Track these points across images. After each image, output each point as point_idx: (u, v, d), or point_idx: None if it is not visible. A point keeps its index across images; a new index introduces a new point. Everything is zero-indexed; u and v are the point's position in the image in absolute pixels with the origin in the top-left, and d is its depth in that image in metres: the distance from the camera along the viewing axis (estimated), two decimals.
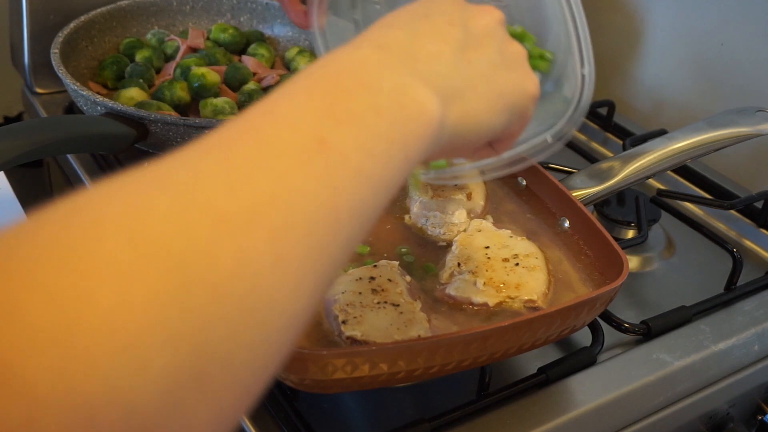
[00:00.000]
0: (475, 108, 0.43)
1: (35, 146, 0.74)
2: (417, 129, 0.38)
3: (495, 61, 0.45)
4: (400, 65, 0.39)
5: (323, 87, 0.36)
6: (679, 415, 0.73)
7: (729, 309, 0.79)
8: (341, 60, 0.39)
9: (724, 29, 1.03)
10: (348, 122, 0.34)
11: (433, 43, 0.42)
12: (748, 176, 1.02)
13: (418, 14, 0.44)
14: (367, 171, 0.34)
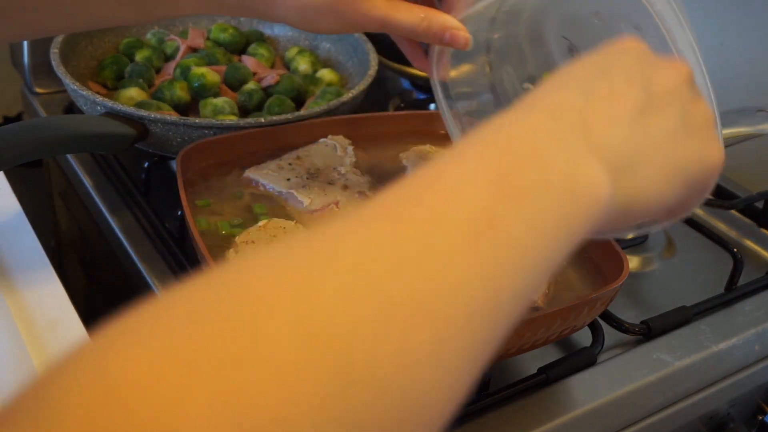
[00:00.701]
0: (647, 182, 0.40)
1: (35, 146, 0.74)
2: (584, 208, 0.36)
3: (675, 128, 0.41)
4: (572, 135, 0.37)
5: (494, 156, 0.35)
6: (679, 416, 0.73)
7: (729, 309, 0.79)
8: (513, 125, 0.37)
9: (724, 29, 1.03)
10: (518, 198, 0.33)
11: (608, 108, 0.39)
12: (748, 176, 1.02)
13: (595, 71, 0.41)
14: (532, 252, 0.33)
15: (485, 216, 0.32)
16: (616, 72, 0.41)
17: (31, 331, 0.66)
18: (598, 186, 0.37)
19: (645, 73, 0.42)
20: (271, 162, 0.78)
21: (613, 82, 0.41)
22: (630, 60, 0.42)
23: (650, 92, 0.41)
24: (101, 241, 0.88)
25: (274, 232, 0.68)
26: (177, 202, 0.70)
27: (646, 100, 0.41)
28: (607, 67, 0.41)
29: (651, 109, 0.41)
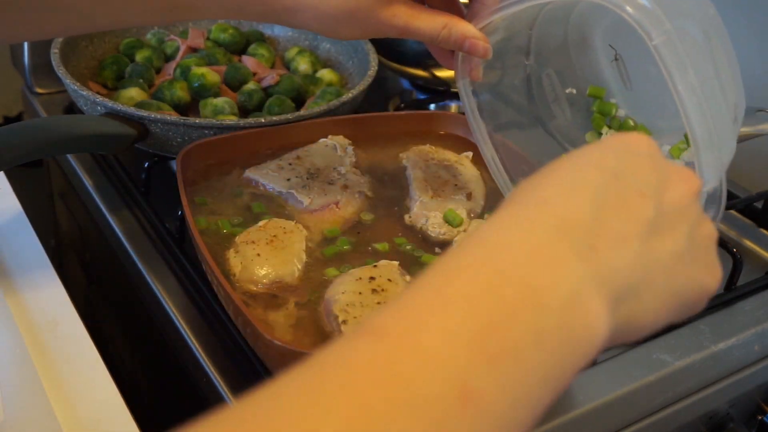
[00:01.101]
0: (645, 309, 0.38)
1: (35, 146, 0.74)
2: (579, 353, 0.33)
3: (681, 251, 0.39)
4: (577, 260, 0.34)
5: (484, 300, 0.31)
6: (679, 415, 0.73)
7: (729, 309, 0.79)
8: (514, 243, 0.34)
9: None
10: (501, 360, 0.30)
11: (619, 224, 0.37)
12: (748, 176, 1.02)
13: (609, 175, 0.38)
14: (512, 418, 0.30)
15: (460, 390, 0.28)
16: (631, 180, 0.39)
17: (31, 331, 0.66)
18: (598, 326, 0.34)
19: (658, 184, 0.40)
20: (271, 162, 0.78)
21: (626, 189, 0.38)
22: (644, 166, 0.40)
23: (661, 208, 0.39)
24: (101, 241, 0.88)
25: (274, 232, 0.68)
26: (177, 202, 0.70)
27: (657, 217, 0.38)
28: (621, 171, 0.39)
29: (660, 227, 0.39)
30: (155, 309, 0.75)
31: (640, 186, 0.39)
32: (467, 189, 0.76)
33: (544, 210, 0.36)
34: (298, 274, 0.66)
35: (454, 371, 0.29)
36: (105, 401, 0.61)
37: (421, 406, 0.28)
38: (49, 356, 0.64)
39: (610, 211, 0.37)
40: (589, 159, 0.39)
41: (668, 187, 0.40)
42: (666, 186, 0.40)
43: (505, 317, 0.31)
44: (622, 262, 0.36)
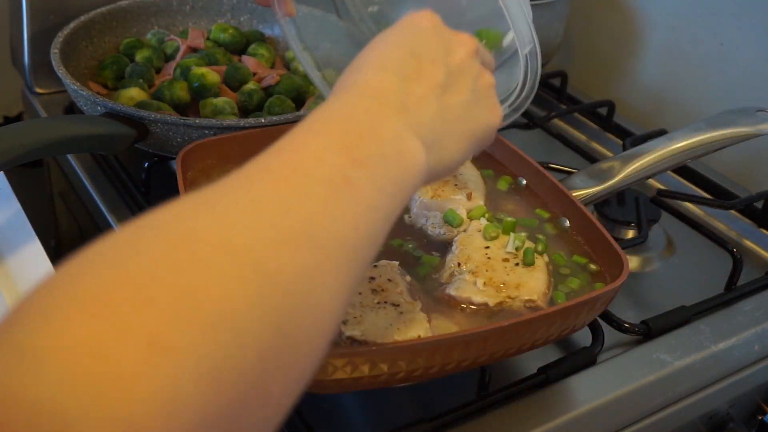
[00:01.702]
0: (450, 150, 0.50)
1: (35, 146, 0.74)
2: (411, 173, 0.45)
3: (468, 100, 0.52)
4: (394, 116, 0.46)
5: (340, 133, 0.43)
6: (679, 415, 0.73)
7: (729, 309, 0.79)
8: (348, 108, 0.45)
9: (724, 29, 1.03)
10: (364, 165, 0.41)
11: (419, 88, 0.48)
12: (748, 176, 1.02)
13: (406, 52, 0.49)
14: (378, 206, 0.42)
15: (342, 176, 0.40)
16: (423, 52, 0.50)
17: None
18: (418, 157, 0.46)
19: (444, 51, 0.51)
20: None
21: (421, 62, 0.49)
22: (431, 39, 0.51)
23: (449, 69, 0.50)
24: None
25: None
26: None
27: (447, 78, 0.50)
28: (415, 47, 0.50)
29: (450, 86, 0.50)
30: None
31: (431, 55, 0.50)
32: (467, 189, 0.76)
33: (364, 87, 0.47)
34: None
35: (335, 165, 0.40)
36: None
37: (322, 182, 0.39)
38: None
39: (411, 80, 0.48)
40: (389, 42, 0.50)
41: (451, 51, 0.51)
42: (449, 51, 0.51)
43: (358, 143, 0.42)
44: (427, 116, 0.48)
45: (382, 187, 0.42)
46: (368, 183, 0.41)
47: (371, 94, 0.47)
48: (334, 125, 0.43)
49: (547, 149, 1.05)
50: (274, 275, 0.34)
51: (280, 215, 0.36)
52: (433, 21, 0.52)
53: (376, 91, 0.47)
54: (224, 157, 0.78)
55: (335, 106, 0.46)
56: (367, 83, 0.47)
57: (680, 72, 1.10)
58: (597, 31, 1.21)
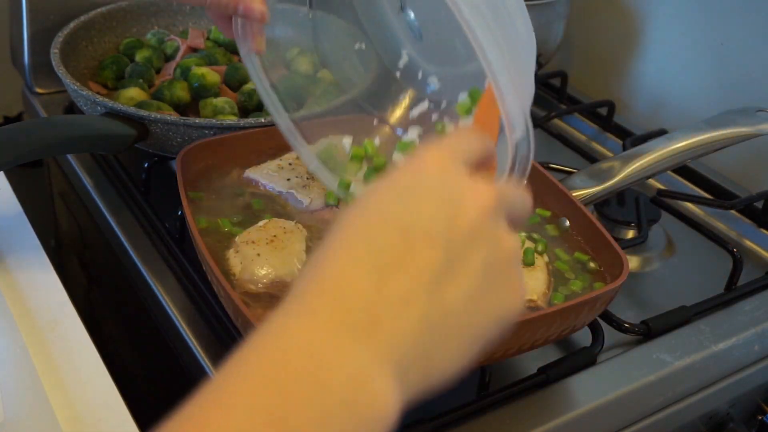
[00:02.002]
0: (442, 364, 0.38)
1: (35, 146, 0.74)
2: (372, 425, 0.34)
3: (476, 288, 0.38)
4: (357, 345, 0.34)
5: (272, 387, 0.32)
6: (679, 415, 0.73)
7: (729, 309, 0.79)
8: (293, 337, 0.35)
9: (724, 29, 1.03)
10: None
11: (402, 285, 0.36)
12: (748, 176, 1.02)
13: (392, 227, 0.37)
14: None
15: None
16: (417, 223, 0.37)
17: (31, 331, 0.66)
18: (386, 403, 0.34)
19: (447, 216, 0.38)
20: (271, 162, 0.78)
21: (411, 241, 0.37)
22: (431, 200, 0.38)
23: (451, 243, 0.38)
24: (101, 241, 0.88)
25: (274, 232, 0.68)
26: (177, 202, 0.70)
27: (446, 258, 0.37)
28: (406, 217, 0.38)
29: (452, 268, 0.37)
30: (155, 309, 0.75)
31: (426, 227, 0.37)
32: None
33: (324, 297, 0.36)
34: (298, 274, 0.66)
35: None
36: (104, 401, 0.61)
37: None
38: (49, 356, 0.64)
39: (392, 273, 0.36)
40: (372, 213, 0.38)
41: (459, 213, 0.38)
42: (456, 213, 0.38)
43: (290, 405, 0.32)
44: (407, 328, 0.36)
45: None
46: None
47: (329, 308, 0.35)
48: (263, 377, 0.33)
49: (547, 149, 1.05)
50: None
51: None
52: (443, 165, 0.40)
53: (335, 303, 0.35)
54: (224, 157, 0.78)
55: (278, 341, 0.35)
56: (328, 290, 0.36)
57: (680, 72, 1.10)
58: (597, 31, 1.21)
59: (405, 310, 0.36)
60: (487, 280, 0.39)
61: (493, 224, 0.40)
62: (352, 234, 0.38)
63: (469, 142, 0.43)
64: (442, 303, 0.37)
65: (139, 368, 0.92)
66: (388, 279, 0.36)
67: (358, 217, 0.39)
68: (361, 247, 0.37)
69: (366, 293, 0.36)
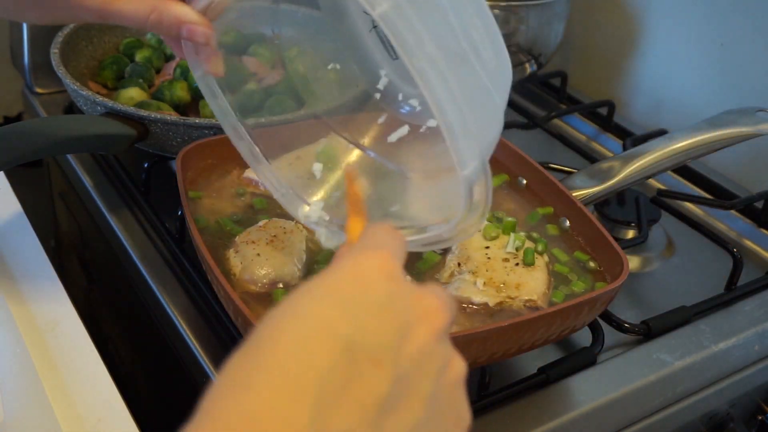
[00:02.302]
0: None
1: (35, 146, 0.74)
2: None
3: (421, 418, 0.34)
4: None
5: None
6: (679, 416, 0.73)
7: (729, 309, 0.79)
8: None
9: (724, 29, 1.03)
10: None
11: (346, 419, 0.31)
12: (748, 176, 1.02)
13: (338, 343, 0.32)
14: None
15: None
16: (365, 343, 0.33)
17: (31, 331, 0.66)
18: None
19: (396, 337, 0.34)
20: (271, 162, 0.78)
21: (358, 363, 0.32)
22: (380, 315, 0.34)
23: (399, 369, 0.33)
24: (101, 241, 0.88)
25: (274, 232, 0.68)
26: (177, 202, 0.70)
27: (394, 386, 0.33)
28: (353, 334, 0.32)
29: (399, 398, 0.33)
30: (155, 309, 0.75)
31: (374, 350, 0.33)
32: None
33: (250, 428, 0.30)
34: (298, 274, 0.66)
35: None
36: (105, 401, 0.61)
37: None
38: (49, 356, 0.64)
39: (334, 405, 0.31)
40: (311, 322, 0.33)
41: (409, 335, 0.35)
42: (406, 333, 0.34)
43: None
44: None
45: None
46: None
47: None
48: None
49: (547, 149, 1.05)
50: None
51: None
52: (389, 273, 0.36)
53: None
54: (224, 157, 0.78)
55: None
56: (250, 417, 0.29)
57: (680, 72, 1.10)
58: (597, 31, 1.21)
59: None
60: (433, 409, 0.35)
61: (443, 346, 0.37)
62: (287, 348, 0.32)
63: (398, 242, 0.39)
64: (400, 427, 0.33)
65: (139, 368, 0.92)
66: (330, 413, 0.31)
67: (295, 327, 0.33)
68: (298, 369, 0.31)
69: (301, 430, 0.30)
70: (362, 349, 0.32)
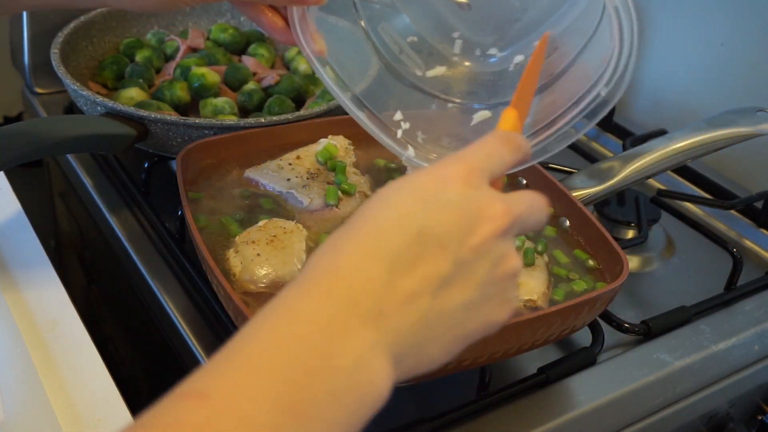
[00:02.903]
0: (431, 356, 0.42)
1: (35, 146, 0.74)
2: (368, 405, 0.38)
3: (472, 300, 0.42)
4: (363, 328, 0.38)
5: (288, 361, 0.36)
6: (679, 416, 0.73)
7: (729, 309, 0.79)
8: (308, 316, 0.38)
9: (724, 29, 1.03)
10: (304, 415, 0.35)
11: (410, 283, 0.40)
12: (748, 176, 1.02)
13: (411, 230, 0.40)
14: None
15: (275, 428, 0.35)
16: (434, 232, 0.41)
17: (31, 331, 0.66)
18: (383, 383, 0.39)
19: (462, 232, 0.41)
20: (271, 162, 0.78)
21: (426, 247, 0.40)
22: (450, 214, 0.41)
23: (459, 256, 0.41)
24: (101, 241, 0.88)
25: (274, 232, 0.68)
26: (177, 202, 0.70)
27: (453, 269, 0.41)
28: (425, 225, 0.41)
29: (454, 279, 0.41)
30: (155, 309, 0.75)
31: (441, 238, 0.41)
32: None
33: (339, 280, 0.39)
34: (298, 273, 0.66)
35: (267, 425, 0.35)
36: (105, 401, 0.61)
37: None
38: (49, 356, 0.64)
39: (404, 272, 0.40)
40: (393, 211, 0.41)
41: (474, 229, 0.42)
42: (471, 229, 0.42)
43: (302, 381, 0.36)
44: (408, 322, 0.40)
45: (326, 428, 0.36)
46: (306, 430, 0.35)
47: (343, 293, 0.39)
48: (281, 351, 0.37)
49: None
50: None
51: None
52: (467, 179, 0.43)
53: (350, 290, 0.39)
54: (224, 157, 0.78)
55: (292, 313, 0.38)
56: (343, 275, 0.39)
57: (680, 72, 1.10)
58: None
59: (409, 308, 0.40)
60: (484, 293, 0.43)
61: (502, 244, 0.43)
62: (372, 228, 0.41)
63: (499, 157, 0.46)
64: (441, 307, 0.41)
65: (139, 368, 0.92)
66: (399, 277, 0.39)
67: (380, 212, 0.42)
68: (379, 242, 0.40)
69: (377, 286, 0.39)
70: (432, 236, 0.40)
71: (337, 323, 0.38)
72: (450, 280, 0.41)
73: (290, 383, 0.36)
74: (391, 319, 0.39)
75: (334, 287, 0.39)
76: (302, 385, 0.36)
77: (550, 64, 0.62)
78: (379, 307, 0.39)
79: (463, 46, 0.69)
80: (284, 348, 0.37)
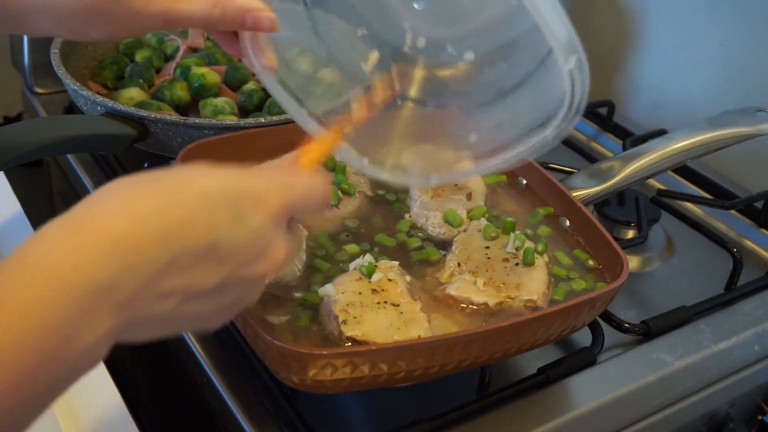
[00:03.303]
0: (151, 336, 0.44)
1: (35, 146, 0.74)
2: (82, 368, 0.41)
3: (211, 311, 0.44)
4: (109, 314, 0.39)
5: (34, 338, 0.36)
6: (679, 416, 0.73)
7: (729, 309, 0.79)
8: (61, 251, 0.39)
9: (724, 29, 1.03)
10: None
11: (172, 284, 0.40)
12: (748, 176, 1.02)
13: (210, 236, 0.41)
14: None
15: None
16: (221, 246, 0.41)
17: None
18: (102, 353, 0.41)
19: (246, 255, 0.43)
20: (271, 162, 0.78)
21: (209, 256, 0.41)
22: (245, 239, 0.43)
23: (229, 277, 0.42)
24: None
25: None
26: None
27: (217, 286, 0.42)
28: (221, 237, 0.42)
29: (212, 295, 0.42)
30: None
31: (226, 256, 0.42)
32: (467, 189, 0.76)
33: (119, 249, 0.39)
34: (298, 273, 0.66)
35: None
36: (105, 401, 0.61)
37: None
38: None
39: (177, 270, 0.40)
40: (205, 216, 0.42)
41: (251, 263, 0.44)
42: (250, 262, 0.43)
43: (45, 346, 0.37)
44: (150, 313, 0.41)
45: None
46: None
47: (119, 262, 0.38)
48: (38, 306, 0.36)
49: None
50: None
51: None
52: (276, 215, 0.46)
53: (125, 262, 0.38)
54: (224, 157, 0.78)
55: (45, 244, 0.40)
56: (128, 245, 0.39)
57: (680, 72, 1.10)
58: (597, 31, 1.21)
59: (157, 303, 0.40)
60: (220, 309, 0.44)
61: (262, 282, 0.46)
62: (184, 214, 0.41)
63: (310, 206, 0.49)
64: (181, 312, 0.42)
65: (139, 368, 0.92)
66: (171, 273, 0.40)
67: (200, 203, 0.43)
68: (177, 231, 0.40)
69: (149, 272, 0.39)
70: (219, 250, 0.41)
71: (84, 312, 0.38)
72: (205, 294, 0.42)
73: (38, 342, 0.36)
74: (136, 307, 0.39)
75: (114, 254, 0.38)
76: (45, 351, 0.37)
77: (501, 77, 0.60)
78: (136, 293, 0.39)
79: (414, 40, 0.68)
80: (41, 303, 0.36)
